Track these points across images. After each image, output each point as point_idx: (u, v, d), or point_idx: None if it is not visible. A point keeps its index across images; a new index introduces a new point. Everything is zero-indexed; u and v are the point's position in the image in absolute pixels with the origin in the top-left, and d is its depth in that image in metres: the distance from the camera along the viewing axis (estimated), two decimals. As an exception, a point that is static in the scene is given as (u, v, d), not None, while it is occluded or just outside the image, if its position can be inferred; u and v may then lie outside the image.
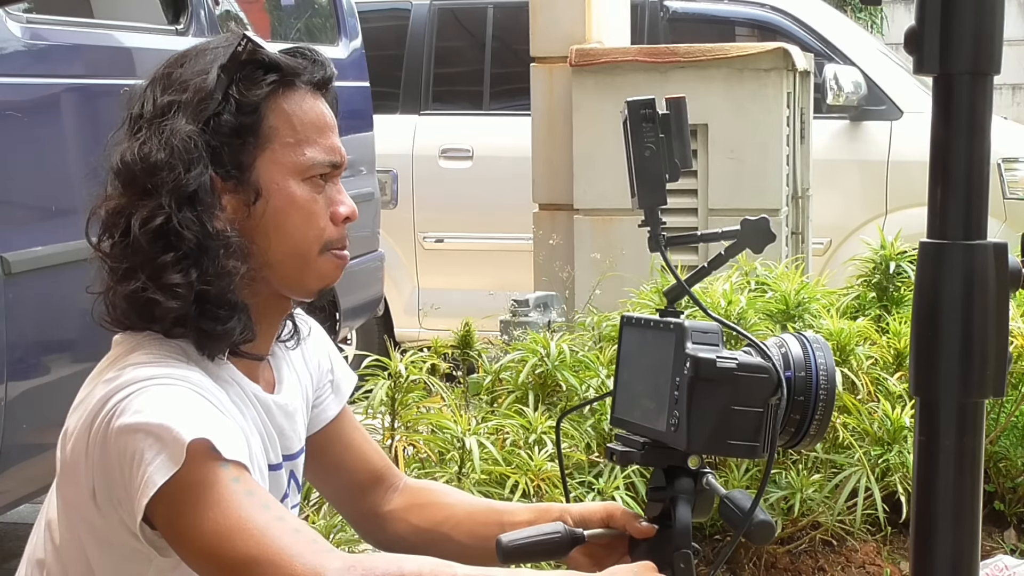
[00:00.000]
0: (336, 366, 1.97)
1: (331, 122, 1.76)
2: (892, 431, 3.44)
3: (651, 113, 1.64)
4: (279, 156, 1.70)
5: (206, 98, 1.68)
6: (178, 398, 1.59)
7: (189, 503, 1.54)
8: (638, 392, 1.74)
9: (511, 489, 3.11)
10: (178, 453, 1.53)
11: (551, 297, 4.58)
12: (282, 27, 5.16)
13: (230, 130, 1.68)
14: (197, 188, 1.65)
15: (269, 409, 1.77)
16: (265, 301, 1.74)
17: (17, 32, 3.10)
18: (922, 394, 1.26)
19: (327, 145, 1.74)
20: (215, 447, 1.54)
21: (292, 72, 1.71)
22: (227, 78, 1.69)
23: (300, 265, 1.72)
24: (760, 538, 1.67)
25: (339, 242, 1.75)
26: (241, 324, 1.68)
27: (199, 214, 1.65)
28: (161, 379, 1.61)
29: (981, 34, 1.22)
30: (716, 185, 4.85)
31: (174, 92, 1.70)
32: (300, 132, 1.71)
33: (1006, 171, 6.14)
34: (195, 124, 1.67)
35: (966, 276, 1.23)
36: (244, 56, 1.70)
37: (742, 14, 6.78)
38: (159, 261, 1.64)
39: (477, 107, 6.83)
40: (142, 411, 1.56)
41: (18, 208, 3.14)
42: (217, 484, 1.54)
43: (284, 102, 1.71)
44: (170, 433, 1.53)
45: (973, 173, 1.23)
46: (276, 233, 1.70)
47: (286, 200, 1.70)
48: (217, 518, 1.52)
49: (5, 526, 4.30)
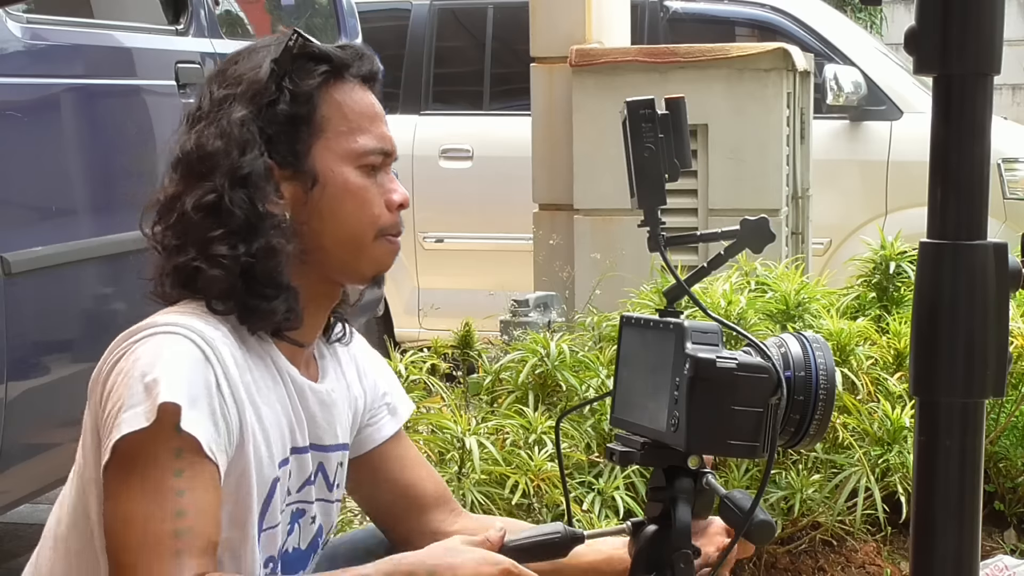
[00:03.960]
0: (394, 391, 2.02)
1: (381, 112, 1.82)
2: (892, 431, 3.43)
3: (651, 113, 1.64)
4: (333, 144, 1.77)
5: (260, 89, 1.74)
6: (179, 354, 1.64)
7: (127, 468, 1.60)
8: (638, 392, 1.74)
9: (511, 489, 3.11)
10: (151, 410, 1.59)
11: (551, 297, 4.58)
12: (282, 27, 5.16)
13: (285, 119, 1.75)
14: (251, 172, 1.71)
15: (303, 392, 1.80)
16: (314, 286, 1.79)
17: (17, 32, 3.10)
18: (922, 394, 1.26)
19: (378, 133, 1.80)
20: (181, 415, 1.59)
21: (342, 63, 1.78)
22: (280, 70, 1.75)
23: (355, 250, 1.78)
24: (760, 538, 1.67)
25: (393, 228, 1.82)
26: (286, 306, 1.73)
27: (250, 195, 1.71)
28: (176, 327, 1.66)
29: (981, 34, 1.22)
30: (716, 185, 4.85)
31: (229, 87, 1.77)
32: (352, 121, 1.78)
33: (1006, 171, 6.14)
34: (249, 112, 1.73)
35: (966, 276, 1.23)
36: (296, 50, 1.76)
37: (742, 14, 6.77)
38: (207, 235, 1.70)
39: (477, 107, 6.83)
40: (140, 359, 1.63)
41: (18, 208, 3.14)
42: (158, 468, 1.59)
43: (336, 92, 1.78)
44: (154, 389, 1.60)
45: (973, 173, 1.23)
46: (332, 218, 1.76)
47: (341, 186, 1.76)
48: (133, 501, 1.58)
49: (5, 526, 4.31)
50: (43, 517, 4.82)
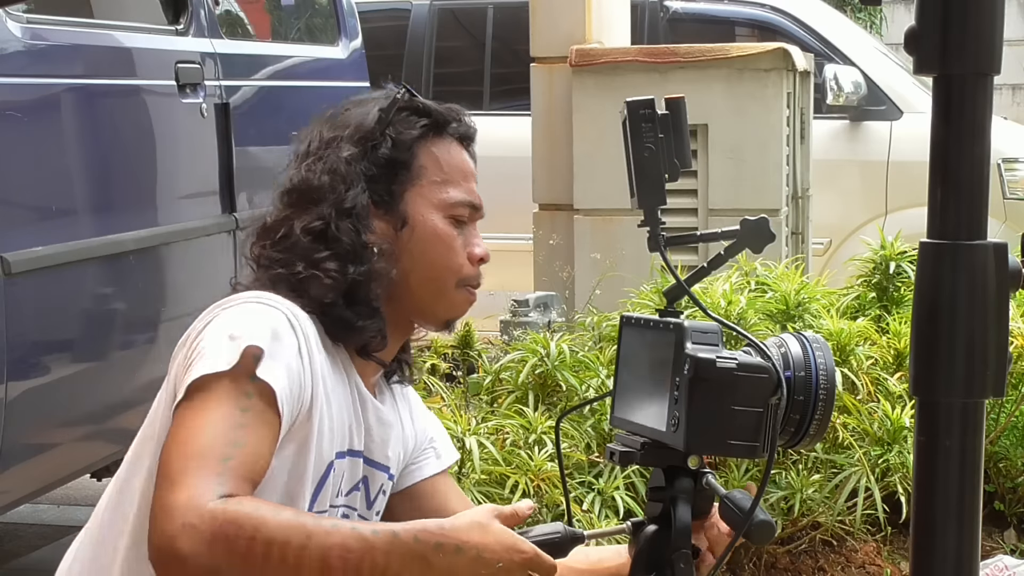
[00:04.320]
0: (441, 438, 2.10)
1: (473, 171, 1.95)
2: (892, 431, 3.44)
3: (651, 113, 1.64)
4: (426, 192, 1.89)
5: (367, 133, 1.89)
6: (266, 316, 1.74)
7: (197, 401, 1.67)
8: (638, 392, 1.74)
9: (511, 489, 3.11)
10: (233, 355, 1.68)
11: (551, 297, 4.58)
12: (282, 27, 5.16)
13: (385, 162, 1.88)
14: (354, 205, 1.85)
15: (365, 402, 1.89)
16: (394, 317, 1.89)
17: (17, 32, 3.10)
18: (922, 394, 1.26)
19: (469, 188, 1.92)
20: (260, 362, 1.68)
21: (442, 120, 1.92)
22: (386, 118, 1.89)
23: (435, 293, 1.90)
24: (760, 538, 1.67)
25: (474, 280, 1.92)
26: (375, 328, 1.84)
27: (355, 224, 1.84)
28: (267, 299, 1.77)
29: (981, 34, 1.22)
30: (716, 185, 4.85)
31: (338, 128, 1.91)
32: (447, 173, 1.91)
33: (1006, 171, 6.14)
34: (355, 152, 1.88)
35: (966, 276, 1.23)
36: (402, 102, 1.91)
37: (742, 14, 6.77)
38: (315, 256, 1.83)
39: (477, 107, 6.82)
40: (228, 320, 1.74)
41: (18, 208, 3.14)
42: (226, 402, 1.66)
43: (434, 146, 1.91)
44: (238, 340, 1.70)
45: (973, 173, 1.23)
46: (419, 260, 1.88)
47: (429, 231, 1.88)
48: (195, 424, 1.65)
49: (5, 526, 4.31)
50: (43, 517, 4.85)
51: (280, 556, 1.57)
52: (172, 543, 1.55)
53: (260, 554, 1.56)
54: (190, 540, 1.55)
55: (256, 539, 1.56)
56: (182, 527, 1.55)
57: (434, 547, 1.63)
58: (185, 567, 1.55)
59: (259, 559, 1.56)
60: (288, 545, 1.57)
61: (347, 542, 1.60)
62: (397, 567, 1.61)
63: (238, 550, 1.55)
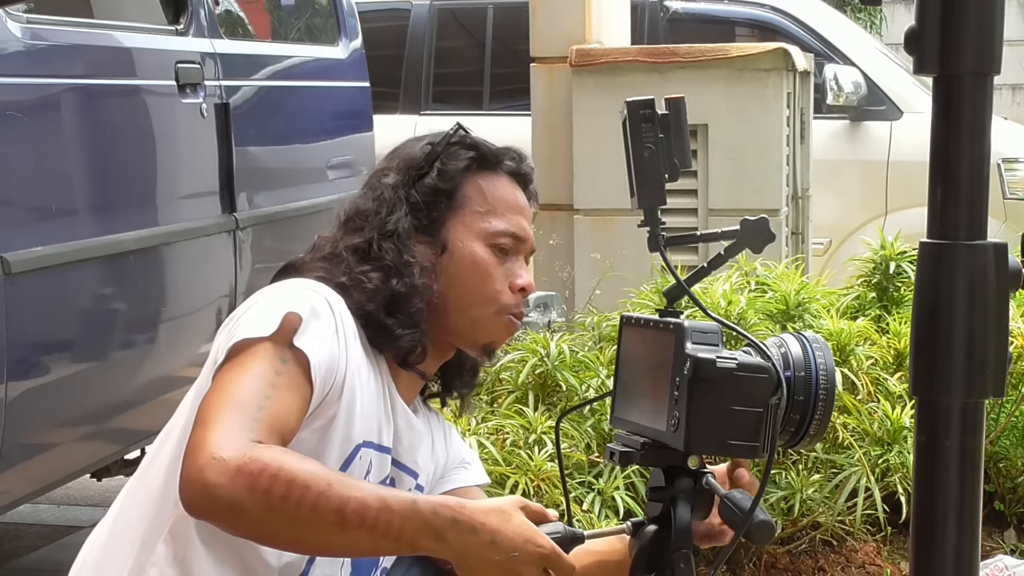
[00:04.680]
0: (475, 462, 2.15)
1: (523, 205, 1.99)
2: (892, 431, 3.44)
3: (651, 113, 1.64)
4: (468, 221, 1.95)
5: (415, 164, 1.97)
6: (307, 294, 1.82)
7: (236, 361, 1.74)
8: (638, 392, 1.74)
9: (511, 489, 3.11)
10: (274, 322, 1.75)
11: (551, 297, 4.58)
12: (282, 27, 5.16)
13: (430, 191, 1.95)
14: (396, 228, 1.93)
15: (395, 404, 1.93)
16: (436, 335, 1.93)
17: (17, 32, 3.10)
18: (922, 394, 1.26)
19: (513, 220, 1.97)
20: (298, 329, 1.75)
21: (492, 154, 1.98)
22: (435, 151, 1.97)
23: (472, 319, 1.94)
24: (760, 538, 1.67)
25: (515, 308, 1.95)
26: (414, 339, 1.90)
27: (397, 246, 1.92)
28: (307, 283, 1.85)
29: (981, 34, 1.22)
30: (716, 185, 4.85)
31: (391, 160, 2.02)
32: (491, 204, 1.96)
33: (1006, 171, 6.14)
34: (400, 180, 1.96)
35: (966, 276, 1.23)
36: (454, 138, 1.99)
37: (742, 14, 6.77)
38: (359, 270, 1.91)
39: (477, 107, 6.82)
40: (270, 296, 1.83)
41: (18, 208, 3.14)
42: (263, 362, 1.73)
43: (481, 179, 1.97)
44: (279, 309, 1.77)
45: (973, 173, 1.23)
46: (457, 285, 1.93)
47: (468, 258, 1.94)
48: (232, 379, 1.72)
49: (5, 526, 4.31)
50: (43, 517, 4.86)
51: (299, 497, 1.60)
52: (200, 474, 1.60)
53: (280, 493, 1.59)
54: (216, 472, 1.59)
55: (279, 477, 1.59)
56: (211, 460, 1.60)
57: (450, 522, 1.64)
58: (210, 498, 1.60)
59: (278, 498, 1.59)
60: (308, 489, 1.60)
61: (366, 499, 1.62)
62: (411, 534, 1.63)
63: (260, 486, 1.59)
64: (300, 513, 1.60)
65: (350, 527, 1.61)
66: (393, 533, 1.62)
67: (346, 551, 1.75)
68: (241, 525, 1.63)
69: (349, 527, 1.61)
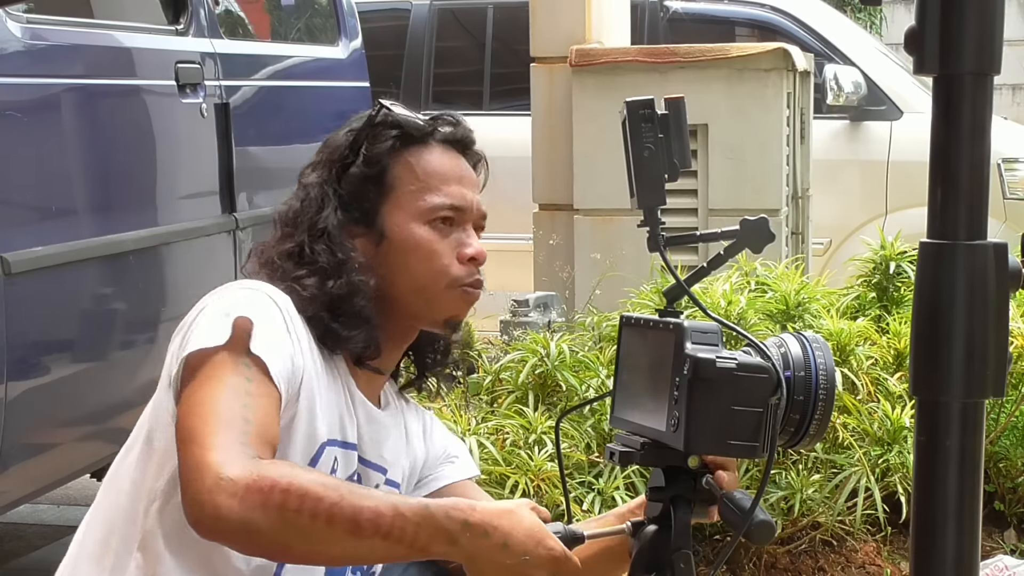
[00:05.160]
0: (463, 455, 2.11)
1: (461, 173, 1.93)
2: (892, 431, 3.44)
3: (650, 113, 1.64)
4: (402, 202, 1.89)
5: (338, 156, 1.92)
6: (255, 296, 1.79)
7: (201, 374, 1.71)
8: (638, 392, 1.74)
9: (511, 489, 3.11)
10: (225, 329, 1.73)
11: (551, 297, 4.58)
12: (282, 27, 5.16)
13: (358, 180, 1.90)
14: (327, 227, 1.88)
15: (354, 397, 1.90)
16: (390, 324, 1.90)
17: (17, 32, 3.10)
18: (922, 394, 1.26)
19: (449, 191, 1.90)
20: (252, 333, 1.72)
21: (415, 128, 1.92)
22: (358, 138, 1.92)
23: (426, 299, 1.89)
24: (760, 538, 1.67)
25: (467, 278, 1.90)
26: (364, 338, 1.86)
27: (329, 245, 1.87)
28: (254, 284, 1.83)
29: (981, 34, 1.22)
30: (716, 185, 4.85)
31: (319, 153, 1.97)
32: (423, 180, 1.90)
33: (1006, 171, 6.14)
34: (326, 175, 1.91)
35: (966, 276, 1.23)
36: (377, 119, 1.92)
37: (742, 14, 6.77)
38: (294, 275, 1.87)
39: (477, 107, 6.82)
40: (218, 299, 1.79)
41: (18, 208, 3.14)
42: (230, 372, 1.70)
43: (410, 155, 1.91)
44: (231, 314, 1.74)
45: (973, 173, 1.23)
46: (400, 271, 1.88)
47: (408, 241, 1.88)
48: (208, 391, 1.68)
49: (5, 526, 4.30)
50: (43, 517, 4.85)
51: (312, 510, 1.58)
52: (210, 496, 1.57)
53: (293, 508, 1.57)
54: (227, 493, 1.57)
55: (290, 492, 1.58)
56: (218, 481, 1.58)
57: (463, 525, 1.63)
58: (221, 520, 1.57)
59: (292, 512, 1.57)
60: (321, 501, 1.58)
61: (379, 507, 1.61)
62: (425, 540, 1.62)
63: (273, 502, 1.57)
64: (315, 526, 1.58)
65: (364, 536, 1.60)
66: (407, 539, 1.61)
67: (360, 560, 1.73)
68: (255, 543, 1.61)
69: (364, 536, 1.60)
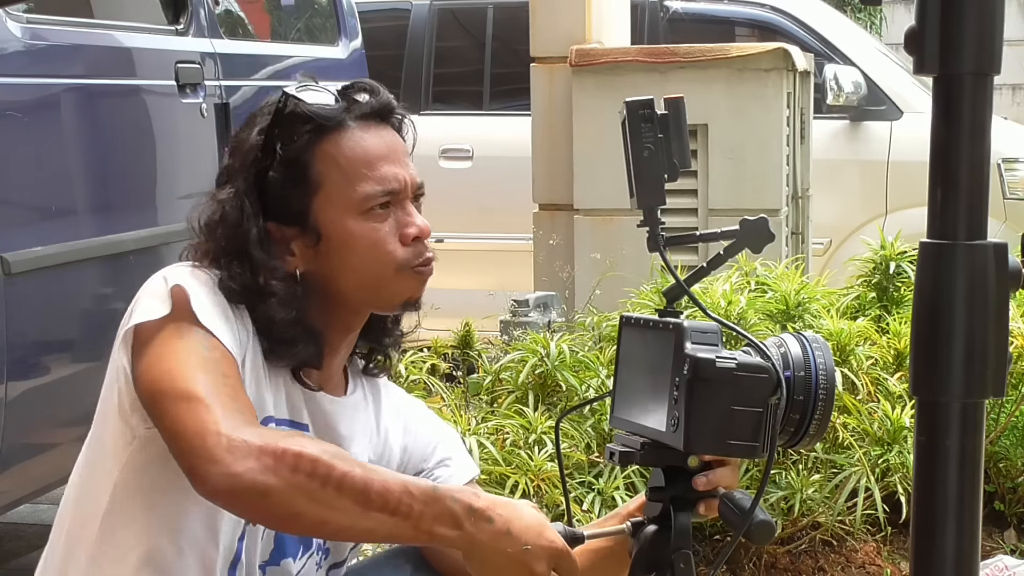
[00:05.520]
0: (456, 456, 2.03)
1: (386, 151, 1.83)
2: (892, 431, 3.44)
3: (650, 113, 1.64)
4: (332, 197, 1.79)
5: (253, 159, 1.81)
6: (195, 272, 1.76)
7: (156, 336, 1.69)
8: (637, 392, 1.74)
9: (511, 489, 3.11)
10: (167, 298, 1.72)
11: (551, 297, 4.58)
12: (282, 27, 5.16)
13: (279, 183, 1.79)
14: (247, 244, 1.78)
15: (304, 384, 1.84)
16: (338, 321, 1.85)
17: (17, 32, 3.10)
18: (922, 394, 1.26)
19: (379, 175, 1.81)
20: (191, 302, 1.70)
21: (328, 116, 1.79)
22: (270, 138, 1.80)
23: (374, 289, 1.82)
24: (760, 538, 1.67)
25: (416, 259, 1.82)
26: (309, 348, 1.80)
27: (252, 266, 1.77)
28: (189, 263, 1.79)
29: (981, 34, 1.21)
30: (716, 185, 4.85)
31: (233, 155, 1.85)
32: (348, 170, 1.80)
33: (1006, 171, 6.14)
34: (242, 186, 1.80)
35: (966, 276, 1.23)
36: (286, 112, 1.79)
37: (742, 14, 6.77)
38: None
39: (477, 107, 6.82)
40: (160, 273, 1.78)
41: (18, 208, 3.14)
42: (188, 336, 1.68)
43: (328, 145, 1.80)
44: (170, 280, 1.74)
45: (973, 173, 1.23)
46: (344, 267, 1.80)
47: (346, 237, 1.79)
48: (170, 348, 1.67)
49: (5, 526, 4.31)
50: (43, 517, 4.85)
51: (325, 475, 1.57)
52: (225, 457, 1.56)
53: (306, 471, 1.56)
54: (241, 454, 1.56)
55: (303, 456, 1.57)
56: (230, 443, 1.56)
57: (468, 510, 1.63)
58: (235, 479, 1.56)
59: (304, 476, 1.56)
60: (333, 468, 1.57)
61: (388, 482, 1.61)
62: (430, 520, 1.61)
63: (286, 463, 1.56)
64: (325, 493, 1.57)
65: (373, 508, 1.59)
66: (414, 517, 1.61)
67: (365, 535, 1.68)
68: (265, 506, 1.59)
69: (372, 508, 1.59)
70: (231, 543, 1.80)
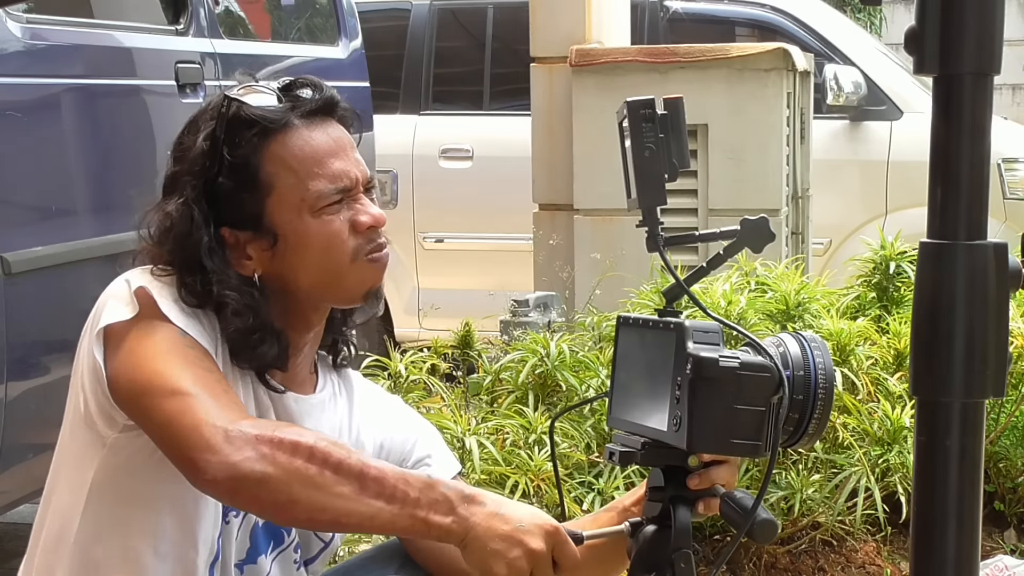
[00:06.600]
0: (436, 454, 2.03)
1: (332, 147, 1.81)
2: (892, 431, 3.43)
3: (650, 113, 1.64)
4: (285, 199, 1.79)
5: (201, 167, 1.78)
6: (161, 280, 1.77)
7: (128, 333, 1.70)
8: (636, 392, 1.74)
9: (511, 489, 3.11)
10: (132, 301, 1.72)
11: (551, 297, 4.58)
12: (282, 27, 5.16)
13: (230, 190, 1.78)
14: (199, 255, 1.77)
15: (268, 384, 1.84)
16: (300, 319, 1.85)
17: (17, 32, 3.10)
18: (922, 394, 1.26)
19: (330, 173, 1.80)
20: (157, 301, 1.71)
21: (272, 118, 1.78)
22: (215, 143, 1.78)
23: (334, 284, 1.82)
24: (763, 537, 1.67)
25: (368, 246, 1.81)
26: (274, 349, 1.80)
27: (203, 277, 1.77)
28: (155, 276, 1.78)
29: (981, 34, 1.22)
30: (716, 185, 4.85)
31: (179, 162, 1.82)
32: (298, 170, 1.79)
33: (1006, 171, 6.14)
34: (189, 195, 1.78)
35: (966, 276, 1.23)
36: (229, 116, 1.78)
37: (742, 14, 6.77)
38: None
39: (477, 107, 6.82)
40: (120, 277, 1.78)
41: (18, 208, 3.15)
42: (163, 335, 1.69)
43: (276, 147, 1.79)
44: (132, 283, 1.74)
45: (973, 173, 1.23)
46: (302, 267, 1.80)
47: (300, 237, 1.79)
48: (159, 354, 1.67)
49: (5, 526, 4.30)
50: (43, 517, 4.75)
51: (322, 461, 1.59)
52: (222, 446, 1.57)
53: (304, 455, 1.58)
54: (239, 443, 1.58)
55: (299, 444, 1.59)
56: (225, 432, 1.58)
57: (459, 496, 1.65)
58: (234, 468, 1.57)
59: (302, 461, 1.58)
60: (329, 454, 1.60)
61: (383, 469, 1.63)
62: (426, 507, 1.63)
63: (284, 449, 1.58)
64: (323, 479, 1.58)
65: (368, 495, 1.60)
66: (410, 504, 1.62)
67: (362, 523, 1.68)
68: (263, 495, 1.59)
69: (368, 495, 1.60)
70: (211, 543, 1.80)
